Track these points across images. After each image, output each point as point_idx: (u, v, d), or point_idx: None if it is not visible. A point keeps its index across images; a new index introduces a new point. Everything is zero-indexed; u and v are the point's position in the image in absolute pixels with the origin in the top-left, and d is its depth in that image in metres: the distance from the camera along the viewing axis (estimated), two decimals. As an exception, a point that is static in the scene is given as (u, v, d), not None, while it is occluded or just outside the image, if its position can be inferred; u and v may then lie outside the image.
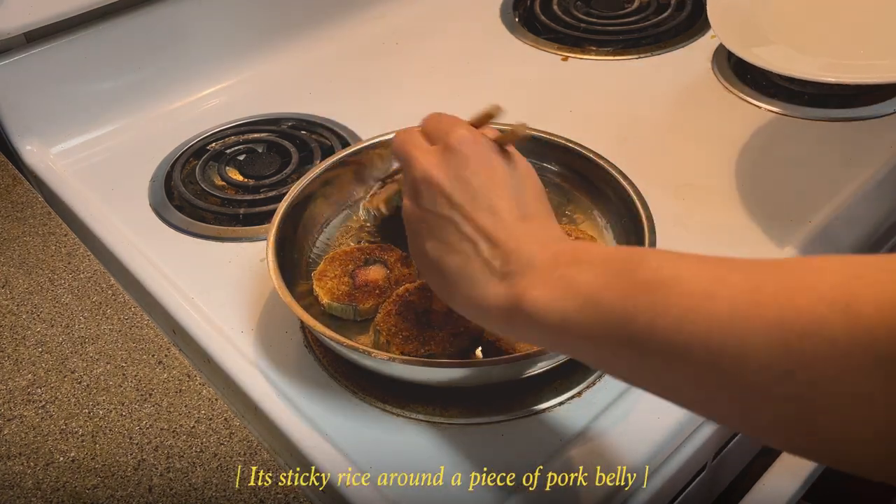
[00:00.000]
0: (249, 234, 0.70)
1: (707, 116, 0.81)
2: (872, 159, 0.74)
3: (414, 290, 0.59)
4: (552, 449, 0.52)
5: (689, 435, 0.56)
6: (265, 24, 0.92)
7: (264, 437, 0.57)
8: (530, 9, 1.01)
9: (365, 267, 0.61)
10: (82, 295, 0.62)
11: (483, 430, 0.54)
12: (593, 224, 0.66)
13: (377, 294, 0.60)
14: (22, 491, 0.49)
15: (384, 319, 0.57)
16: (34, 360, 0.57)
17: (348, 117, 0.84)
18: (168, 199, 0.75)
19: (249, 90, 0.89)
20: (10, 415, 0.53)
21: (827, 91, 0.82)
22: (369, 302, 0.59)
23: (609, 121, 0.81)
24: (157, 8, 0.83)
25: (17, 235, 0.67)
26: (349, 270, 0.61)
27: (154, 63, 0.85)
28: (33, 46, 0.78)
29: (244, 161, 0.79)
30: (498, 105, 0.50)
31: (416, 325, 0.56)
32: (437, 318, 0.57)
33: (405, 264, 0.61)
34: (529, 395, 0.55)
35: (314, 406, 0.56)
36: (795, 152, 0.76)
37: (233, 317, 0.63)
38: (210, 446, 0.51)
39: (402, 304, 0.58)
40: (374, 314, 0.59)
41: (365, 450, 0.53)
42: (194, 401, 0.54)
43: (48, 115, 0.81)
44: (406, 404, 0.55)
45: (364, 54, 0.94)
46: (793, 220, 0.69)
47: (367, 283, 0.60)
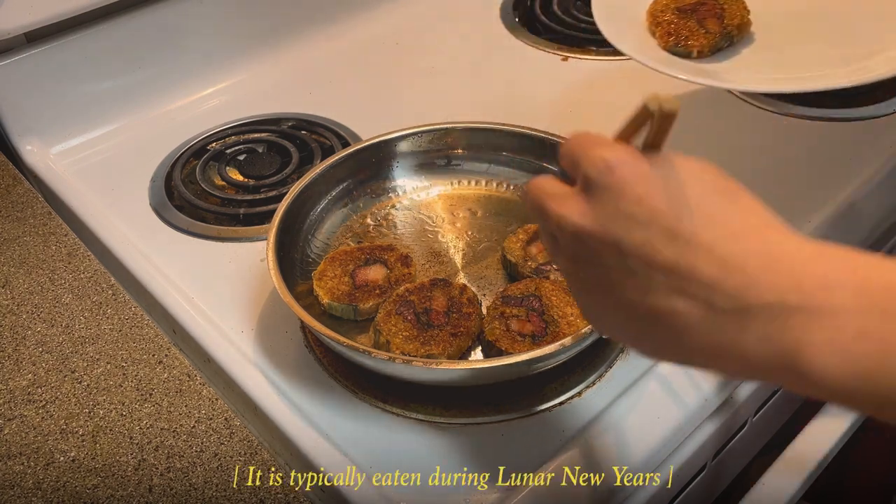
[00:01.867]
0: (249, 234, 0.70)
1: (707, 117, 0.81)
2: (872, 159, 0.74)
3: (414, 290, 0.59)
4: (552, 449, 0.52)
5: (689, 435, 0.56)
6: (265, 24, 0.92)
7: (264, 437, 0.57)
8: (530, 9, 1.01)
9: (365, 267, 0.61)
10: (82, 295, 0.62)
11: (483, 430, 0.54)
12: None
13: (377, 294, 0.60)
14: (22, 491, 0.49)
15: (384, 319, 0.57)
16: (34, 359, 0.57)
17: (348, 117, 0.84)
18: (168, 199, 0.75)
19: (249, 90, 0.89)
20: (11, 415, 0.53)
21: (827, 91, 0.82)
22: (370, 302, 0.59)
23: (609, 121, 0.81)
24: (157, 8, 0.83)
25: (17, 235, 0.67)
26: (349, 270, 0.61)
27: (154, 63, 0.85)
28: (33, 46, 0.78)
29: (244, 161, 0.79)
30: (663, 101, 0.36)
31: (416, 325, 0.56)
32: (438, 318, 0.57)
33: (405, 264, 0.61)
34: (529, 395, 0.55)
35: (314, 406, 0.56)
36: (795, 152, 0.76)
37: (233, 317, 0.63)
38: (210, 446, 0.51)
39: (402, 303, 0.58)
40: (374, 314, 0.59)
41: (365, 450, 0.53)
42: (194, 401, 0.54)
43: (48, 115, 0.81)
44: (406, 404, 0.55)
45: (364, 54, 0.94)
46: (793, 220, 0.68)
47: (367, 282, 0.60)
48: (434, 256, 0.66)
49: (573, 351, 0.55)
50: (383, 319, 0.57)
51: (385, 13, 1.00)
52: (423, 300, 0.58)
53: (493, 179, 0.71)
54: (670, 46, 0.68)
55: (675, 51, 0.68)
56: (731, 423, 0.61)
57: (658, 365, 0.57)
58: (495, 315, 0.57)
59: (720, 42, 0.68)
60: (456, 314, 0.57)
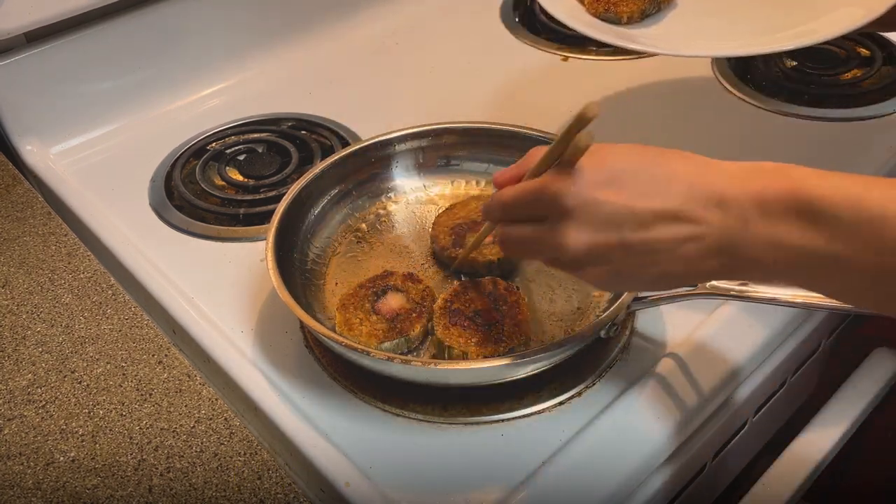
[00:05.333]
0: (249, 234, 0.70)
1: (707, 116, 0.81)
2: (872, 159, 0.74)
3: (452, 298, 0.58)
4: (552, 449, 0.52)
5: (689, 435, 0.56)
6: (265, 25, 0.92)
7: (264, 437, 0.57)
8: (530, 9, 1.01)
9: (382, 299, 0.59)
10: (82, 295, 0.62)
11: (483, 430, 0.54)
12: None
13: (416, 317, 0.58)
14: (22, 491, 0.49)
15: (446, 335, 0.56)
16: (34, 360, 0.57)
17: (348, 117, 0.84)
18: (168, 199, 0.75)
19: (249, 90, 0.89)
20: (11, 415, 0.53)
21: (826, 91, 0.83)
22: (416, 327, 0.57)
23: (609, 121, 0.81)
24: (157, 8, 0.83)
25: (17, 235, 0.67)
26: (368, 309, 0.58)
27: (154, 63, 0.85)
28: (33, 46, 0.78)
29: (244, 161, 0.79)
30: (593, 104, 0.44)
31: (477, 329, 0.56)
32: (491, 315, 0.57)
33: (413, 280, 0.60)
34: (529, 395, 0.55)
35: (314, 406, 0.56)
36: (795, 152, 0.76)
37: (232, 317, 0.63)
38: (210, 446, 0.51)
39: (452, 314, 0.57)
40: (422, 337, 0.58)
41: (365, 450, 0.53)
42: (194, 401, 0.54)
43: (48, 115, 0.81)
44: (406, 404, 0.55)
45: (364, 54, 0.95)
46: (793, 220, 0.68)
47: (397, 312, 0.58)
48: (433, 256, 0.66)
49: (573, 350, 0.55)
50: (445, 335, 0.56)
51: (385, 13, 1.00)
52: (467, 305, 0.58)
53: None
54: (600, 13, 0.68)
55: (604, 17, 0.68)
56: (731, 423, 0.61)
57: (658, 365, 0.57)
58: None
59: (649, 8, 0.68)
60: (505, 306, 0.57)
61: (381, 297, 0.59)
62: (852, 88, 0.83)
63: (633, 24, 0.67)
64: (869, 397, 0.71)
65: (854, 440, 0.70)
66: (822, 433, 0.67)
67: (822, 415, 0.69)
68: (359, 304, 0.59)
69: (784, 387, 0.67)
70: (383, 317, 0.58)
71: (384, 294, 0.59)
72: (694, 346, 0.58)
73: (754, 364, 0.60)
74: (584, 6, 0.69)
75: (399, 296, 0.59)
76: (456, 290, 0.59)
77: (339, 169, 0.68)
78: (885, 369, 0.72)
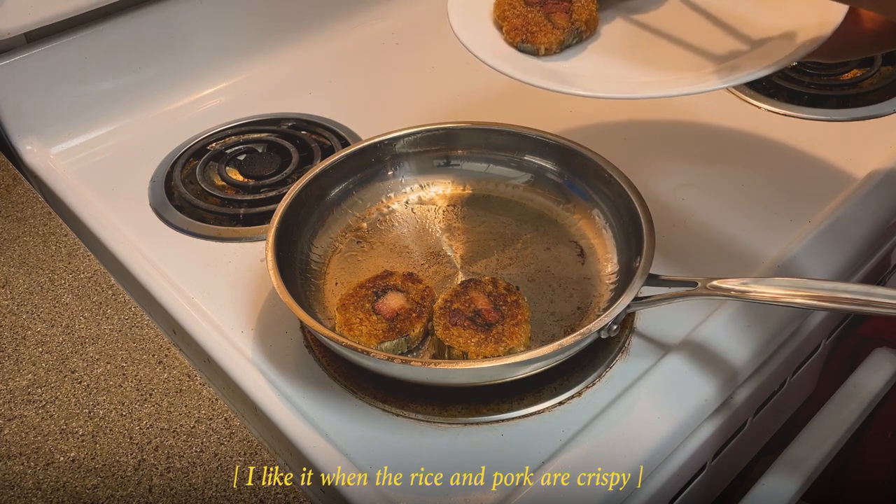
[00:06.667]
0: (249, 234, 0.70)
1: (707, 116, 0.81)
2: (872, 159, 0.74)
3: (451, 299, 0.58)
4: (552, 449, 0.52)
5: (688, 435, 0.56)
6: (265, 24, 0.92)
7: (264, 437, 0.57)
8: (530, 9, 1.01)
9: (382, 299, 0.59)
10: (82, 295, 0.62)
11: (483, 430, 0.54)
12: (592, 224, 0.66)
13: (415, 317, 0.58)
14: (22, 491, 0.49)
15: (446, 335, 0.56)
16: (34, 360, 0.57)
17: (348, 117, 0.84)
18: (168, 199, 0.75)
19: (249, 90, 0.89)
20: (11, 415, 0.53)
21: (826, 91, 0.82)
22: (416, 327, 0.57)
23: (609, 121, 0.81)
24: (157, 8, 0.83)
25: (17, 235, 0.67)
26: (369, 309, 0.58)
27: (154, 63, 0.85)
28: (33, 46, 0.78)
29: (244, 161, 0.79)
30: None
31: (478, 329, 0.56)
32: (491, 316, 0.57)
33: (413, 280, 0.60)
34: (529, 395, 0.55)
35: (314, 406, 0.56)
36: (795, 152, 0.76)
37: (232, 317, 0.63)
38: (210, 446, 0.51)
39: (452, 314, 0.57)
40: (422, 338, 0.58)
41: (365, 450, 0.53)
42: (194, 401, 0.54)
43: (48, 115, 0.81)
44: (406, 404, 0.55)
45: (364, 54, 0.95)
46: (793, 220, 0.69)
47: (397, 311, 0.58)
48: (433, 256, 0.66)
49: (573, 350, 0.55)
50: (445, 336, 0.56)
51: (385, 13, 1.00)
52: (467, 305, 0.58)
53: (493, 179, 0.71)
54: (517, 43, 0.63)
55: (521, 48, 0.62)
56: (731, 423, 0.61)
57: (658, 365, 0.57)
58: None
59: (568, 39, 0.63)
60: (504, 306, 0.57)
61: (381, 297, 0.59)
62: (852, 88, 0.83)
63: (552, 55, 0.62)
64: (869, 397, 0.71)
65: (854, 440, 0.70)
66: (822, 433, 0.67)
67: (822, 415, 0.69)
68: (359, 304, 0.58)
69: (784, 387, 0.67)
70: (383, 317, 0.58)
71: (384, 294, 0.59)
72: (694, 346, 0.58)
73: (754, 364, 0.60)
74: (502, 35, 0.64)
75: (399, 296, 0.59)
76: (456, 290, 0.59)
77: (339, 169, 0.68)
78: (885, 369, 0.72)
